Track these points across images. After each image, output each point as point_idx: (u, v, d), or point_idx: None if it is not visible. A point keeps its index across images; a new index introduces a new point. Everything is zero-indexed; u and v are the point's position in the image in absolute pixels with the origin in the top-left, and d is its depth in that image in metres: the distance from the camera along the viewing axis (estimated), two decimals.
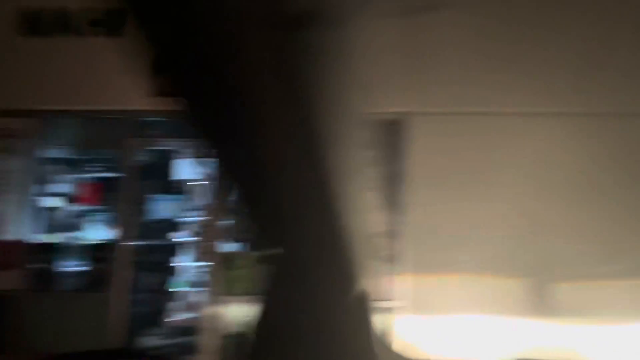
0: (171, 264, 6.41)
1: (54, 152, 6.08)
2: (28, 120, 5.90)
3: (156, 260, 6.18)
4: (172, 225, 6.46)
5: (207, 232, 5.80)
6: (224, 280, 5.46)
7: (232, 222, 5.68)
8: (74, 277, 5.84)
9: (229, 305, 5.38)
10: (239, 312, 5.34)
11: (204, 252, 5.84)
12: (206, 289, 5.60)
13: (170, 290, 6.35)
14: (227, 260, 5.54)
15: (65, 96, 5.81)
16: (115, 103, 5.79)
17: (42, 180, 5.95)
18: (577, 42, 5.28)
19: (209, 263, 5.65)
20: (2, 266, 5.67)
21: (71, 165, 6.13)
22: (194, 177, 6.41)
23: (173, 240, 6.43)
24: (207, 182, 6.01)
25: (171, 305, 6.30)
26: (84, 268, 5.84)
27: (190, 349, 5.45)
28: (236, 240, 5.66)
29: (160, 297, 6.27)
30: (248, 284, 5.40)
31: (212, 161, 5.59)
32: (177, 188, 6.55)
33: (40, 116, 5.91)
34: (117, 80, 5.80)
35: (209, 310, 5.44)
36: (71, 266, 5.86)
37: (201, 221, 6.05)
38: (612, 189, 5.11)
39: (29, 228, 5.80)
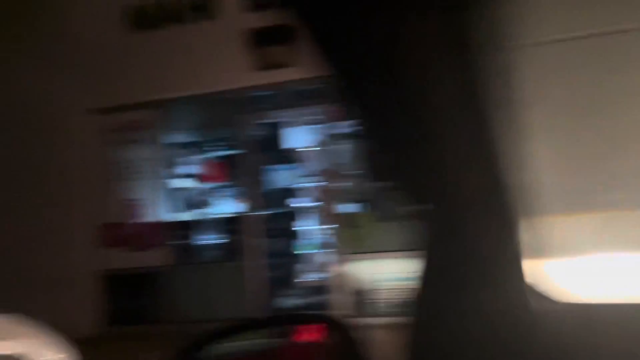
0: (295, 229, 6.70)
1: (178, 137, 6.52)
2: (151, 111, 6.37)
3: (282, 226, 6.48)
4: (292, 192, 6.73)
5: (326, 196, 5.98)
6: (349, 240, 5.62)
7: (350, 184, 5.80)
8: (211, 249, 6.29)
9: (356, 263, 5.54)
10: (366, 269, 5.50)
11: (325, 215, 6.04)
12: (332, 249, 5.80)
13: (297, 253, 6.67)
14: (349, 220, 5.68)
15: (181, 83, 6.18)
16: (227, 83, 6.07)
17: (171, 164, 6.43)
18: None
19: (332, 225, 5.83)
20: (148, 245, 6.26)
21: (195, 147, 6.55)
22: (306, 144, 6.60)
23: (294, 206, 6.70)
24: (320, 148, 6.16)
25: (301, 267, 6.63)
26: (219, 240, 6.26)
27: (324, 306, 5.70)
28: (356, 201, 5.78)
29: (290, 260, 6.61)
30: (371, 242, 5.53)
31: (348, 124, 5.70)
32: (291, 157, 6.79)
33: (161, 105, 6.35)
34: (224, 60, 6.10)
35: (337, 270, 5.64)
36: (208, 239, 6.31)
37: (319, 186, 6.24)
38: None
39: (166, 209, 6.32)
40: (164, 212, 6.29)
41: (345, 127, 5.95)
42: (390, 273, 5.33)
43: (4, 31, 6.83)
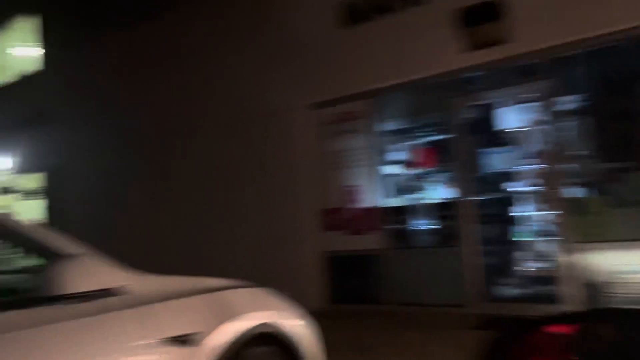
0: (512, 215, 6.37)
1: (390, 125, 6.69)
2: (365, 101, 6.64)
3: (497, 212, 6.22)
4: (508, 176, 6.41)
5: (548, 180, 5.57)
6: (577, 227, 5.16)
7: (575, 166, 5.32)
8: (426, 234, 6.34)
9: (585, 252, 5.06)
10: (599, 260, 4.99)
11: (547, 200, 5.63)
12: (556, 237, 5.39)
13: (516, 240, 6.33)
14: (576, 206, 5.21)
15: (393, 71, 6.33)
16: (438, 67, 6.03)
17: (384, 151, 6.63)
18: None
19: (555, 211, 5.41)
20: (365, 229, 6.57)
21: (406, 133, 6.65)
22: (522, 124, 6.21)
23: (510, 191, 6.37)
24: (538, 128, 5.75)
25: (519, 255, 6.29)
26: (433, 226, 6.28)
27: (549, 298, 5.33)
28: (582, 185, 5.28)
29: (507, 247, 6.31)
30: (604, 230, 5.00)
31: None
32: (506, 139, 6.46)
33: (374, 95, 6.58)
34: (434, 44, 6.06)
35: (564, 259, 5.22)
36: (422, 225, 6.37)
37: (539, 169, 5.83)
38: None
39: (381, 195, 6.55)
40: (379, 198, 6.53)
41: (567, 103, 5.47)
42: (630, 264, 4.76)
43: (229, 36, 7.77)
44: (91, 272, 1.82)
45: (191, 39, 8.27)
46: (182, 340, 2.07)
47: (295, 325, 2.69)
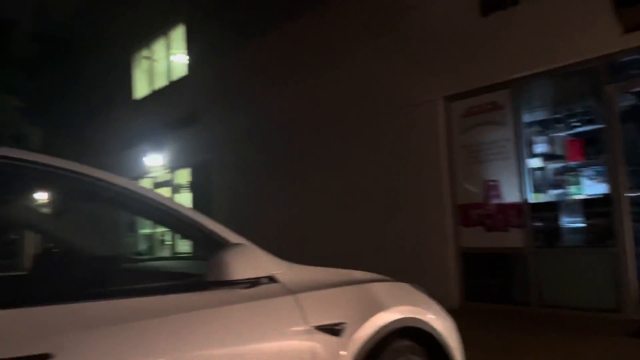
0: None
1: (535, 115, 6.29)
2: (505, 91, 6.31)
3: None
4: None
5: None
6: None
7: None
8: (575, 233, 5.86)
9: None
10: None
11: None
12: None
13: None
14: None
15: (536, 59, 5.95)
16: (587, 52, 5.56)
17: (529, 144, 6.24)
18: None
19: None
20: (506, 226, 6.25)
21: (551, 124, 6.21)
22: None
23: None
24: None
25: None
26: (583, 223, 5.80)
27: None
28: None
29: None
30: None
31: None
32: None
33: (515, 84, 6.22)
34: (583, 28, 5.59)
35: None
36: (571, 222, 5.91)
37: None
38: None
39: (524, 189, 6.17)
40: (522, 193, 6.16)
41: None
42: None
43: (366, 31, 7.82)
44: (253, 260, 1.94)
45: (329, 37, 8.47)
46: (330, 330, 2.13)
47: (438, 321, 2.64)
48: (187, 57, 12.52)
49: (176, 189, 13.11)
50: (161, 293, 1.81)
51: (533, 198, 6.14)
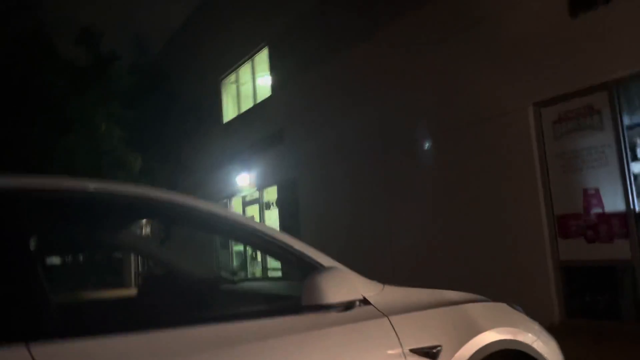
0: None
1: (634, 118, 5.87)
2: (601, 93, 5.95)
3: None
4: None
5: None
6: None
7: None
8: None
9: None
10: None
11: None
12: None
13: None
14: None
15: (633, 59, 5.57)
16: None
17: (631, 148, 5.82)
18: None
19: None
20: (609, 237, 5.85)
21: None
22: None
23: None
24: None
25: None
26: None
27: None
28: None
29: None
30: None
31: None
32: None
33: (614, 86, 5.85)
34: None
35: None
36: None
37: None
38: None
39: (629, 197, 5.74)
40: (626, 201, 5.74)
41: None
42: None
43: (450, 40, 7.68)
44: (347, 283, 1.96)
45: (412, 48, 8.43)
46: (426, 353, 2.10)
47: (539, 342, 2.52)
48: (271, 78, 12.94)
49: (264, 206, 13.49)
50: (260, 317, 1.88)
51: (639, 206, 5.70)
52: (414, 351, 2.07)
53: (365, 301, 2.07)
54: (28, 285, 1.55)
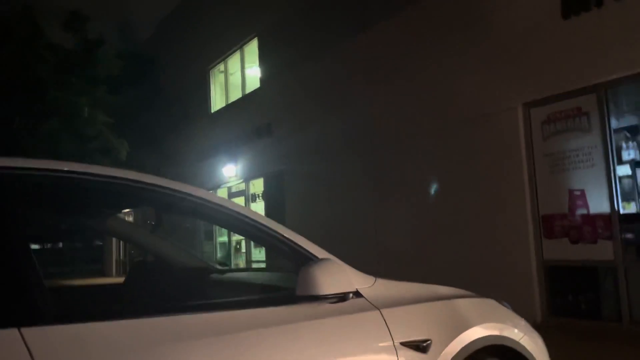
0: None
1: (622, 121, 5.95)
2: (590, 96, 6.01)
3: None
4: None
5: None
6: None
7: None
8: None
9: None
10: None
11: None
12: None
13: None
14: None
15: (624, 62, 5.63)
16: None
17: (616, 151, 5.90)
18: None
19: None
20: (594, 238, 5.92)
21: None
22: None
23: None
24: None
25: None
26: None
27: None
28: None
29: None
30: None
31: None
32: None
33: (601, 89, 5.91)
34: None
35: None
36: None
37: None
38: None
39: (612, 199, 5.83)
40: (611, 203, 5.81)
41: None
42: None
43: (440, 39, 7.70)
44: (341, 275, 1.96)
45: (403, 47, 8.43)
46: (416, 346, 2.11)
47: (526, 338, 2.55)
48: (260, 70, 12.86)
49: (250, 198, 13.45)
50: (253, 306, 1.87)
51: (625, 208, 5.79)
52: (405, 344, 2.07)
53: (357, 294, 2.07)
54: (20, 270, 1.52)
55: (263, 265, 12.49)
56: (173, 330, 1.61)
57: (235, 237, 13.91)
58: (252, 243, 12.87)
